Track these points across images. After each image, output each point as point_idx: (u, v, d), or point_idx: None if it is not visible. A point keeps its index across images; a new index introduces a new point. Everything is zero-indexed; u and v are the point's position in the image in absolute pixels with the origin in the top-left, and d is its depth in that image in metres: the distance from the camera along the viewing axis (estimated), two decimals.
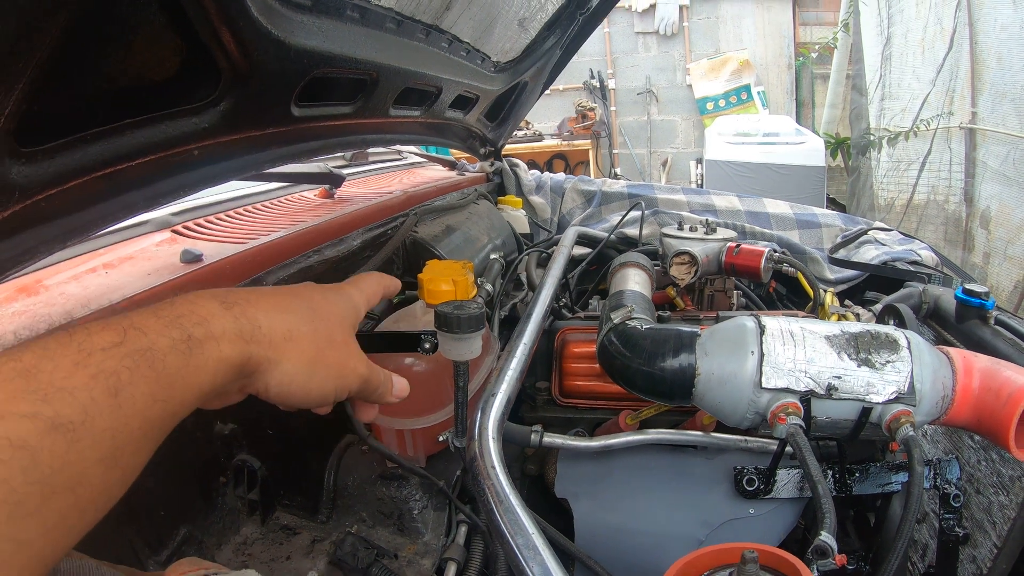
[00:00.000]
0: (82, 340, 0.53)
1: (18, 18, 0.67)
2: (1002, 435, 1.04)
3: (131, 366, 0.54)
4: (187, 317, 0.61)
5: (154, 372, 0.55)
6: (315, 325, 0.75)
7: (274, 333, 0.70)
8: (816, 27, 9.78)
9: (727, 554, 0.90)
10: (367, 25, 1.29)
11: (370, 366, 0.84)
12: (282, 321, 0.71)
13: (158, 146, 1.00)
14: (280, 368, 0.71)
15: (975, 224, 5.56)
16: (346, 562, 1.28)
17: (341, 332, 0.80)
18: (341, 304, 0.83)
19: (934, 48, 6.08)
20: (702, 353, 1.19)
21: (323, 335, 0.76)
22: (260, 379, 0.70)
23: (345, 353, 0.80)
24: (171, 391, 0.57)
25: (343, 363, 0.79)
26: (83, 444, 0.49)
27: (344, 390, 0.80)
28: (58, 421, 0.47)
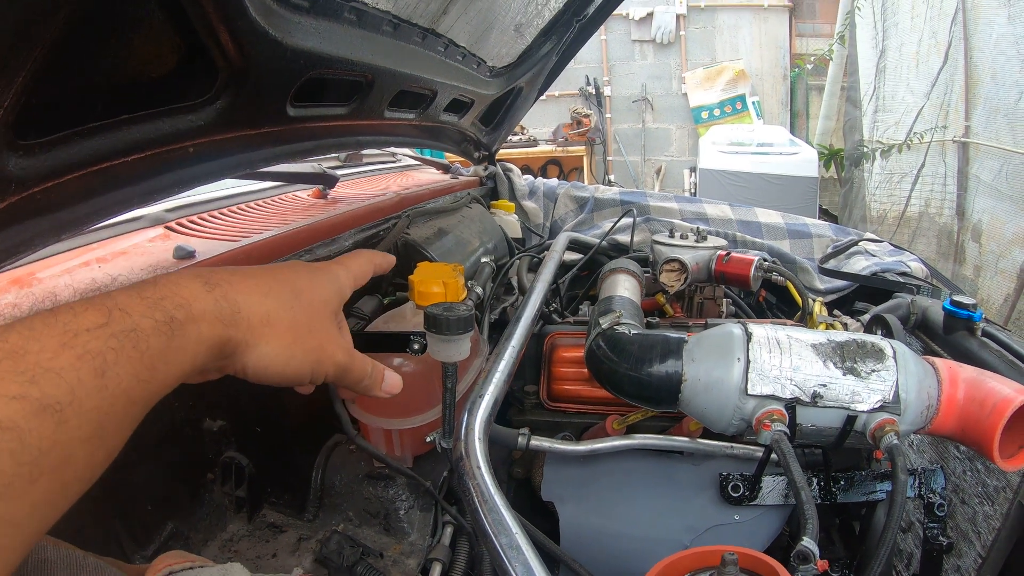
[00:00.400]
0: (67, 320, 0.53)
1: (20, 12, 0.68)
2: (986, 445, 1.05)
3: (116, 347, 0.54)
4: (169, 299, 0.62)
5: (138, 353, 0.56)
6: (295, 310, 0.76)
7: (252, 316, 0.70)
8: (812, 38, 9.83)
9: (708, 556, 0.91)
10: (364, 27, 1.30)
11: (351, 354, 0.85)
12: (261, 305, 0.72)
13: (154, 142, 1.01)
14: (257, 351, 0.71)
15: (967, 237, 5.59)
16: (332, 560, 1.28)
17: (322, 317, 0.81)
18: (326, 287, 0.83)
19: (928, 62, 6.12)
20: (689, 359, 1.20)
21: (302, 320, 0.77)
22: (238, 360, 0.71)
23: (324, 338, 0.80)
24: (154, 371, 0.58)
25: (321, 348, 0.79)
26: (70, 425, 0.49)
27: (320, 374, 0.81)
28: (45, 402, 0.48)
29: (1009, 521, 1.24)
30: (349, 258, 0.93)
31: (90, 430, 0.51)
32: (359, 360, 0.86)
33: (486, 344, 1.72)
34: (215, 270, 0.71)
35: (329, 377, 0.82)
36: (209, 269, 0.70)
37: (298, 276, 0.80)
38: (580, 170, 9.43)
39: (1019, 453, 1.07)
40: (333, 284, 0.85)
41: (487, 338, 1.80)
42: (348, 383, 0.86)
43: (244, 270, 0.75)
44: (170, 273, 0.67)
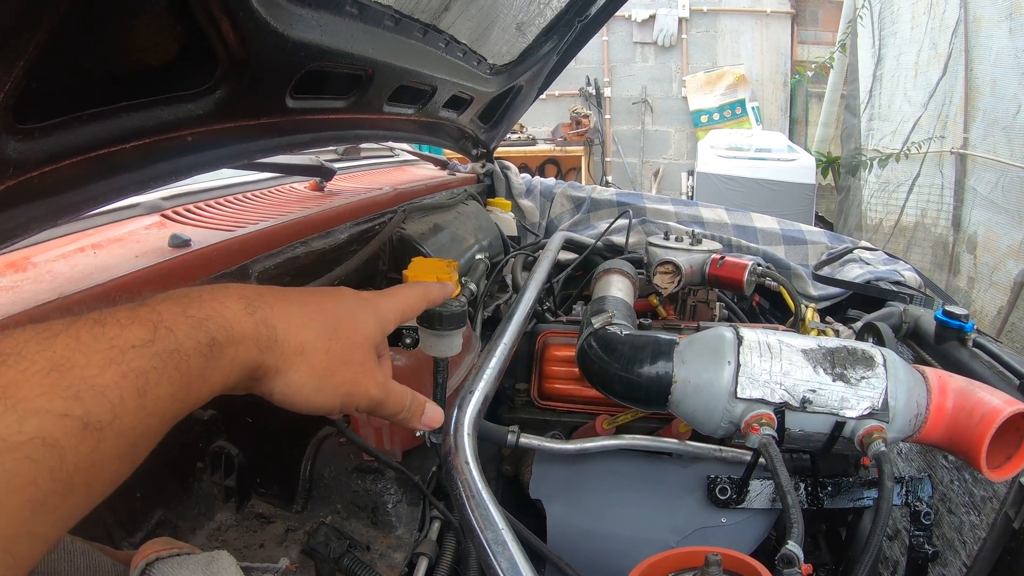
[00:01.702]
0: (114, 335, 0.53)
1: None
2: (974, 455, 1.05)
3: (159, 366, 0.54)
4: (214, 320, 0.62)
5: (179, 373, 0.56)
6: (332, 342, 0.75)
7: (288, 344, 0.70)
8: (814, 46, 9.83)
9: (692, 557, 0.92)
10: (365, 21, 1.30)
11: (386, 389, 0.83)
12: (299, 334, 0.71)
13: (152, 130, 1.01)
14: (286, 378, 0.71)
15: (961, 249, 5.60)
16: (318, 552, 1.28)
17: (360, 351, 0.79)
18: (368, 320, 0.81)
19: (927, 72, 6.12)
20: (679, 361, 1.21)
21: (338, 354, 0.75)
22: (266, 383, 0.71)
23: (359, 372, 0.79)
24: (189, 391, 0.58)
25: (354, 382, 0.78)
26: (108, 443, 0.50)
27: (350, 407, 0.80)
28: (88, 420, 0.48)
29: (995, 531, 1.25)
30: (401, 289, 0.90)
31: (125, 448, 0.52)
32: (396, 394, 0.85)
33: (478, 341, 1.73)
34: (260, 291, 0.71)
35: (360, 409, 0.82)
36: (254, 290, 0.70)
37: (341, 307, 0.79)
38: (578, 170, 9.43)
39: (1006, 464, 1.08)
40: (375, 317, 0.83)
41: (480, 335, 1.80)
42: (383, 415, 0.85)
43: (288, 294, 0.74)
44: (215, 288, 0.67)
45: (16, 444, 0.44)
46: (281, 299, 0.72)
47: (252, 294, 0.69)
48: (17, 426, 0.44)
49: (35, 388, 0.46)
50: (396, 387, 0.85)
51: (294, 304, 0.73)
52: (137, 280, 1.16)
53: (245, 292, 0.69)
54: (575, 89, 10.20)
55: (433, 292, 0.95)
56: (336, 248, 1.70)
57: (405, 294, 0.90)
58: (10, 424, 0.44)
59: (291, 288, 0.76)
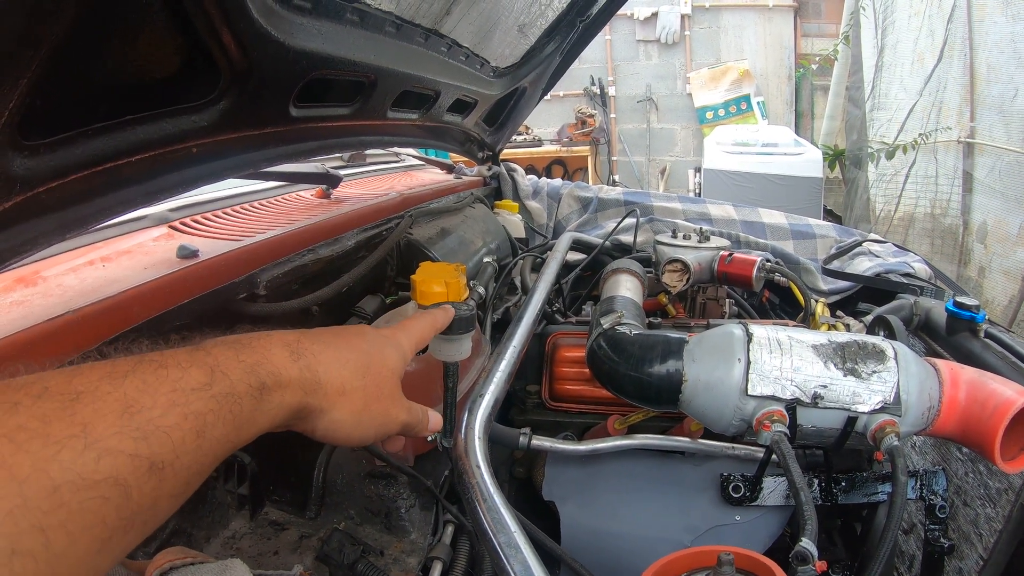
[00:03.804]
0: (176, 378, 0.56)
1: (25, 13, 0.68)
2: (988, 447, 1.05)
3: (215, 408, 0.58)
4: (263, 366, 0.66)
5: (232, 416, 0.60)
6: (366, 379, 0.80)
7: (330, 386, 0.74)
8: (817, 38, 9.79)
9: (704, 556, 0.91)
10: (366, 28, 1.30)
11: (410, 411, 0.89)
12: (339, 376, 0.76)
13: (157, 143, 1.01)
14: (329, 416, 0.75)
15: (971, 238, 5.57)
16: (332, 558, 1.28)
17: (390, 384, 0.85)
18: (392, 355, 0.86)
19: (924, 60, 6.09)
20: (689, 359, 1.20)
21: (372, 389, 0.81)
22: (309, 422, 0.75)
23: (390, 403, 0.84)
24: (240, 432, 0.62)
25: (387, 413, 0.84)
26: (168, 483, 0.52)
27: (384, 435, 0.87)
28: (155, 461, 0.51)
29: (1011, 523, 1.24)
30: (411, 322, 0.95)
31: (180, 487, 0.55)
32: (415, 413, 0.91)
33: (488, 344, 1.73)
34: (301, 339, 0.74)
35: (393, 434, 0.89)
36: (295, 336, 0.74)
37: (370, 346, 0.84)
38: (584, 170, 9.43)
39: (1020, 455, 1.07)
40: (398, 351, 0.88)
41: (489, 338, 1.80)
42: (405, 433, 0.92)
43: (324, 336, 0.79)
44: (261, 335, 0.71)
45: (93, 483, 0.46)
46: (319, 343, 0.76)
47: (293, 340, 0.73)
48: (94, 464, 0.47)
49: (109, 428, 0.49)
50: (414, 407, 0.91)
51: (331, 347, 0.77)
52: (146, 292, 1.17)
53: (287, 339, 0.73)
54: (579, 89, 10.20)
55: (439, 319, 0.99)
56: (344, 255, 1.70)
57: (418, 326, 0.96)
58: (88, 462, 0.46)
59: (324, 330, 0.81)
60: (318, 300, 1.48)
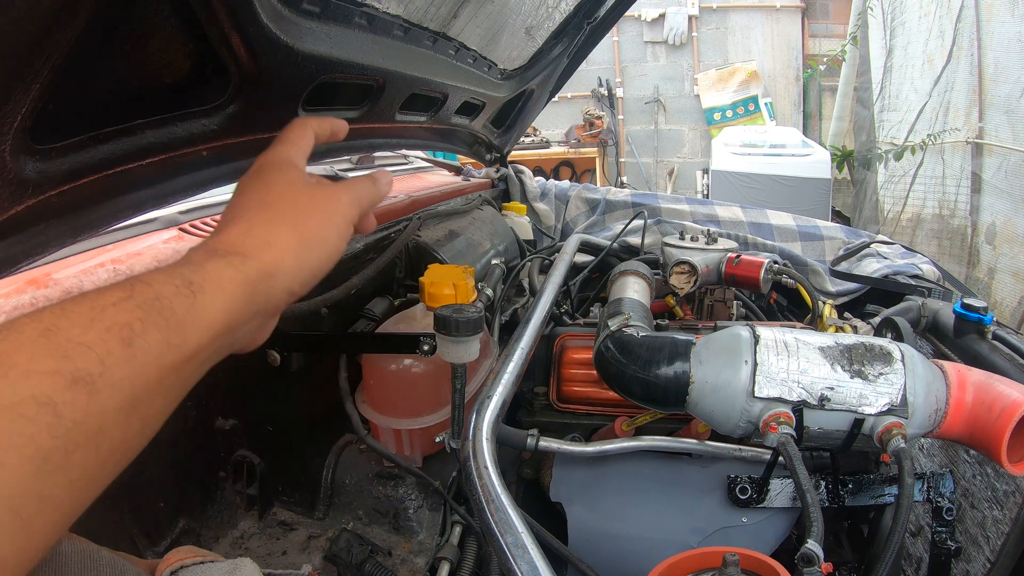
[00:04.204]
0: (94, 298, 0.55)
1: (37, 20, 0.69)
2: (994, 449, 1.05)
3: (142, 316, 0.55)
4: (184, 266, 0.64)
5: (163, 319, 0.57)
6: (274, 213, 0.76)
7: (257, 252, 0.71)
8: (825, 39, 9.76)
9: (710, 557, 0.92)
10: (375, 32, 1.31)
11: (351, 192, 0.85)
12: (255, 238, 0.72)
13: (168, 146, 1.02)
14: (283, 272, 0.72)
15: (980, 240, 5.55)
16: (341, 558, 1.29)
17: (301, 197, 0.80)
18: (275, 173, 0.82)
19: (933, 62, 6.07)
20: (696, 361, 1.21)
21: (290, 216, 0.77)
22: (277, 293, 0.72)
23: (322, 210, 0.80)
24: (183, 335, 0.59)
25: (327, 219, 0.80)
26: (102, 395, 0.50)
27: (347, 233, 0.83)
28: (78, 375, 0.49)
29: (1018, 526, 1.24)
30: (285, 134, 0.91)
31: (122, 399, 0.52)
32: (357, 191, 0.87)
33: (496, 345, 1.73)
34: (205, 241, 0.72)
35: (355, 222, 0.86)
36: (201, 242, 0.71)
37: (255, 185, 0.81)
38: (592, 172, 9.42)
39: None
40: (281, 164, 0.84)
41: (497, 339, 1.81)
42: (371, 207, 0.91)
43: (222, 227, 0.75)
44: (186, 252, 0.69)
45: (10, 404, 0.45)
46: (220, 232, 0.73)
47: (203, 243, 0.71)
48: (10, 389, 0.46)
49: (25, 354, 0.48)
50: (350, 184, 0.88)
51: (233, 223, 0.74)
52: None
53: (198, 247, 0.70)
54: (587, 90, 10.19)
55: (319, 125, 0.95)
56: (353, 257, 1.71)
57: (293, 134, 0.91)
58: (3, 389, 0.46)
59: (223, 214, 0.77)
60: (327, 302, 1.49)
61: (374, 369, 1.48)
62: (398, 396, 1.46)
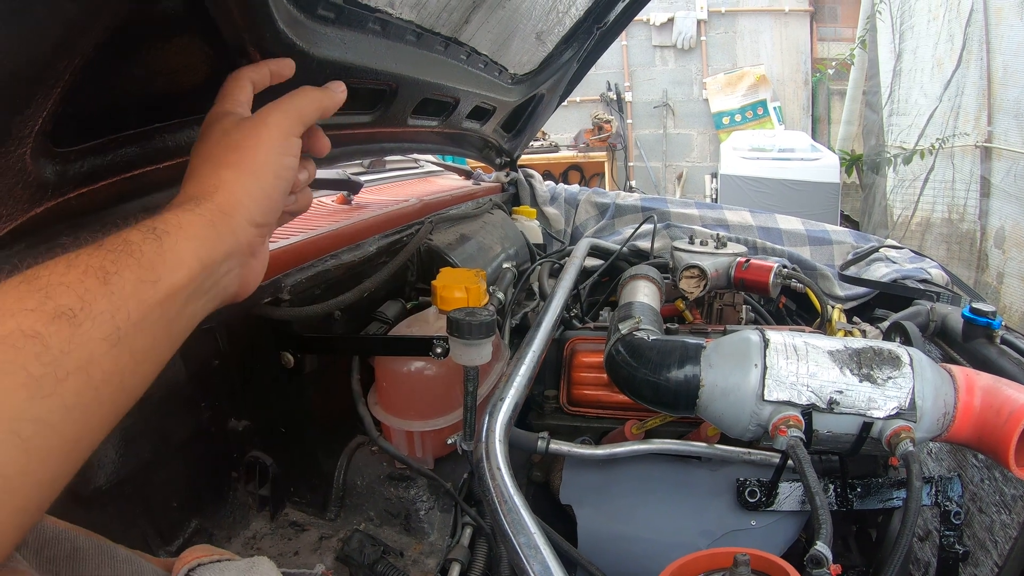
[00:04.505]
0: (69, 250, 0.61)
1: (61, 26, 0.70)
2: (1002, 453, 1.05)
3: (114, 258, 0.61)
4: (147, 220, 0.68)
5: (134, 259, 0.62)
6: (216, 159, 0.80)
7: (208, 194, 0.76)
8: (834, 43, 9.74)
9: (721, 558, 0.92)
10: (388, 37, 1.32)
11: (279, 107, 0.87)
12: (204, 184, 0.77)
13: (185, 150, 1.03)
14: (239, 206, 0.77)
15: (989, 244, 5.53)
16: (352, 558, 1.30)
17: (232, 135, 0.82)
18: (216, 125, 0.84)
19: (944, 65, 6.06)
20: (706, 365, 1.21)
21: (230, 157, 0.80)
22: (242, 227, 0.77)
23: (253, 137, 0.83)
24: (156, 272, 0.64)
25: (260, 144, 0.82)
26: (85, 327, 0.55)
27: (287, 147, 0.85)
28: (60, 310, 0.54)
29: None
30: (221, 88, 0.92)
31: (106, 329, 0.57)
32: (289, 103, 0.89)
33: (507, 348, 1.74)
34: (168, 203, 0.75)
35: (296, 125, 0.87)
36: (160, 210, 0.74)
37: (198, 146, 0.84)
38: (601, 176, 9.44)
39: None
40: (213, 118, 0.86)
41: (508, 343, 1.82)
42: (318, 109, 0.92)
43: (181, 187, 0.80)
44: None
45: None
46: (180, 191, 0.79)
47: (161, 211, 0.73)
48: None
49: (9, 297, 0.54)
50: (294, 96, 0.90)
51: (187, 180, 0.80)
52: None
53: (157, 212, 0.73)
54: (596, 95, 10.18)
55: None
56: (366, 260, 1.72)
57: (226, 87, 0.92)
58: None
59: None
60: (340, 305, 1.50)
61: (387, 371, 1.49)
62: (410, 398, 1.47)
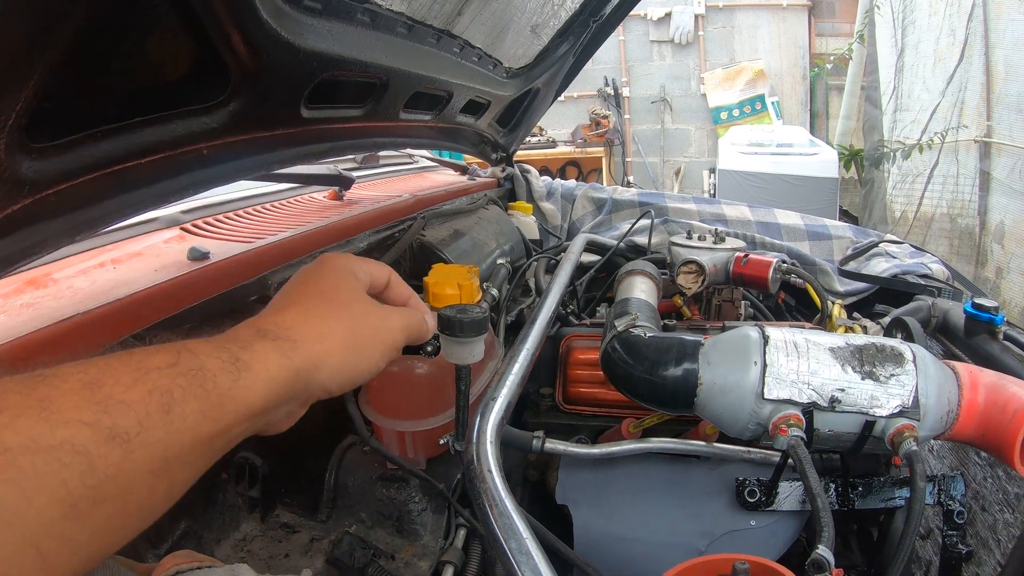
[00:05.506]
0: (140, 359, 0.56)
1: (35, 15, 0.68)
2: (1007, 451, 1.03)
3: (184, 385, 0.57)
4: (234, 343, 0.65)
5: (204, 391, 0.58)
6: (332, 308, 0.78)
7: (308, 342, 0.72)
8: (832, 38, 9.75)
9: (718, 565, 0.90)
10: (377, 29, 1.30)
11: (406, 317, 0.87)
12: (309, 328, 0.74)
13: (167, 145, 1.01)
14: (327, 366, 0.73)
15: (989, 239, 5.53)
16: (343, 562, 1.28)
17: (359, 303, 0.82)
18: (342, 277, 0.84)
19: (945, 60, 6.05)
20: (704, 362, 1.19)
21: (346, 317, 0.78)
22: (315, 386, 0.73)
23: (375, 324, 0.82)
24: (221, 409, 0.60)
25: (378, 329, 0.82)
26: (136, 455, 0.52)
27: (391, 350, 0.84)
28: (115, 431, 0.51)
29: None
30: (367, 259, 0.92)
31: (155, 462, 0.54)
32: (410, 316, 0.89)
33: (501, 346, 1.72)
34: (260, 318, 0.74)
35: (399, 346, 0.86)
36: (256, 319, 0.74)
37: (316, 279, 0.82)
38: (599, 171, 9.44)
39: None
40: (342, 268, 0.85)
41: (503, 340, 1.80)
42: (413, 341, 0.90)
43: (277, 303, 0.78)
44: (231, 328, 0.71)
45: (47, 447, 0.47)
46: (278, 313, 0.75)
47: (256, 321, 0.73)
48: (50, 431, 0.47)
49: (68, 402, 0.50)
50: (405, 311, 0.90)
51: (290, 309, 0.76)
52: (156, 294, 1.17)
53: (251, 323, 0.72)
54: (593, 90, 10.19)
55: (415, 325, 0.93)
56: None
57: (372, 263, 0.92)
58: (43, 431, 0.47)
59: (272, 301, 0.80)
60: None
61: None
62: (401, 398, 1.44)
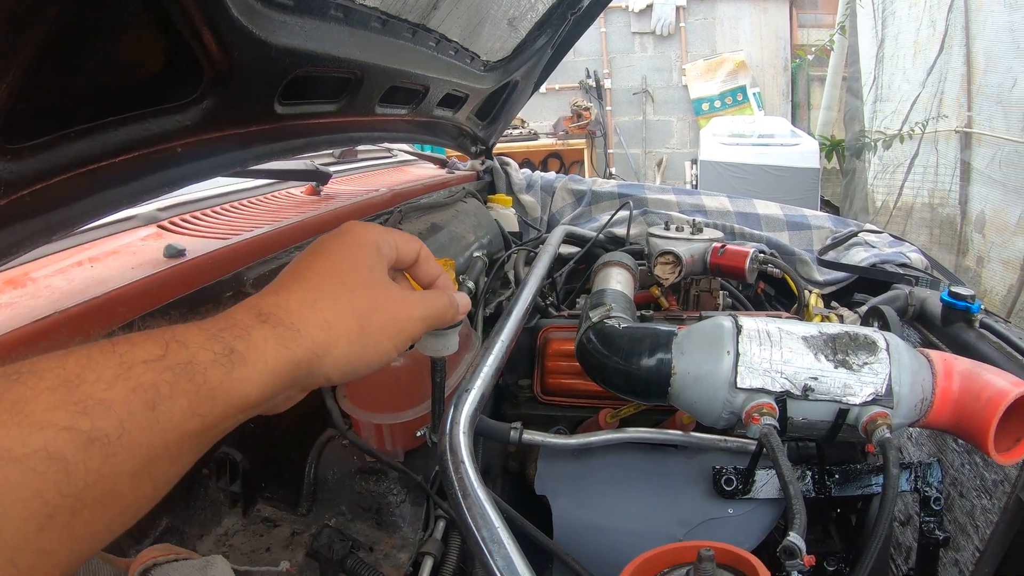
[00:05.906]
0: (124, 351, 0.52)
1: (5, 16, 0.68)
2: (981, 438, 1.04)
3: (171, 380, 0.53)
4: (229, 331, 0.60)
5: (194, 386, 0.54)
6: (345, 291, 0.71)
7: (313, 330, 0.66)
8: (813, 29, 9.78)
9: (686, 552, 0.91)
10: (351, 24, 1.30)
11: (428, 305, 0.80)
12: (316, 313, 0.67)
13: (141, 143, 1.01)
14: (331, 357, 0.67)
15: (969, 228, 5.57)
16: (322, 554, 1.28)
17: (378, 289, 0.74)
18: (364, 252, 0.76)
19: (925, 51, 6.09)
20: (678, 352, 1.20)
21: (360, 303, 0.71)
22: (317, 374, 0.67)
23: (392, 313, 0.75)
24: (212, 405, 0.56)
25: (394, 319, 0.75)
26: (117, 459, 0.49)
27: (406, 342, 0.77)
28: (95, 435, 0.47)
29: (1007, 515, 1.24)
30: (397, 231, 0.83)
31: (138, 464, 0.50)
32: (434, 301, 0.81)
33: (479, 338, 1.73)
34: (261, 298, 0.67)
35: (416, 336, 0.79)
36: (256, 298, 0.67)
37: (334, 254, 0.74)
38: (581, 163, 9.45)
39: (1016, 447, 1.06)
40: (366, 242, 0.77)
41: (481, 332, 1.80)
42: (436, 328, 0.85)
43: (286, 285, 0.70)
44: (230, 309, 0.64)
45: (20, 456, 0.44)
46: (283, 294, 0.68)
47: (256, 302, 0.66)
48: (21, 439, 0.44)
49: (43, 403, 0.46)
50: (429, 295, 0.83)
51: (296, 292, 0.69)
52: (133, 292, 1.17)
53: (251, 304, 0.65)
54: (575, 82, 10.19)
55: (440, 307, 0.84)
56: None
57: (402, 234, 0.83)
58: (15, 438, 0.44)
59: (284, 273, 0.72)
60: None
61: None
62: (378, 391, 1.45)
